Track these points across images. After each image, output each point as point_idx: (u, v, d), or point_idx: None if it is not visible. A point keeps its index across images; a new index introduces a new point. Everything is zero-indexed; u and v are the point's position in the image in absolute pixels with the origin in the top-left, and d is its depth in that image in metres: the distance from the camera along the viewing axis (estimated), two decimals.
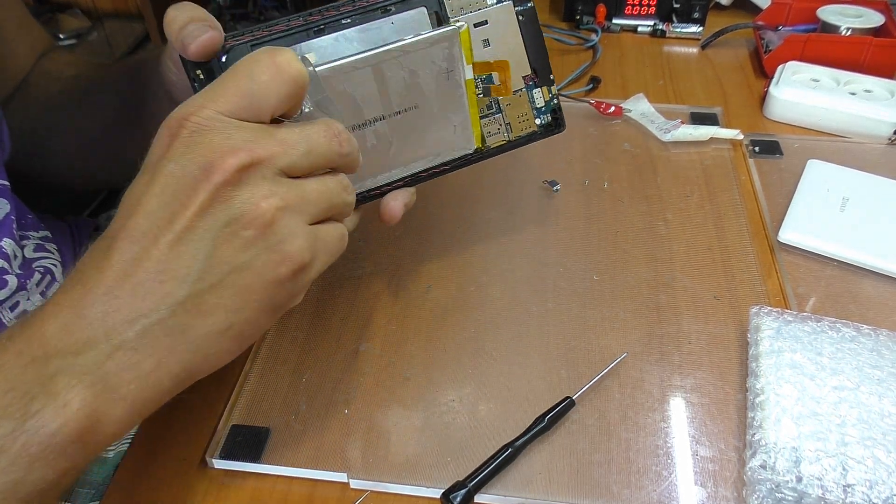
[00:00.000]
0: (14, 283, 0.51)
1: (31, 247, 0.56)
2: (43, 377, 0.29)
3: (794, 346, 0.46)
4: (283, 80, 0.32)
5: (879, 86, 0.71)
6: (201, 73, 0.40)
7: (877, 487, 0.39)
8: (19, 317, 0.52)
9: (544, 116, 0.48)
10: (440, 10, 0.44)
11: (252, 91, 0.32)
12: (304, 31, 0.42)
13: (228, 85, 0.32)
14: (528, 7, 0.46)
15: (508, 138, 0.48)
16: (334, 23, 0.42)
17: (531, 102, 0.48)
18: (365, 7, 0.43)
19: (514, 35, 0.46)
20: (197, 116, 0.31)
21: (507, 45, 0.46)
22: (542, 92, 0.48)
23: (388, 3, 0.43)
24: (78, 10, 1.58)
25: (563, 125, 0.49)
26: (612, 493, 0.42)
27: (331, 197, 0.35)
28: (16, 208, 0.54)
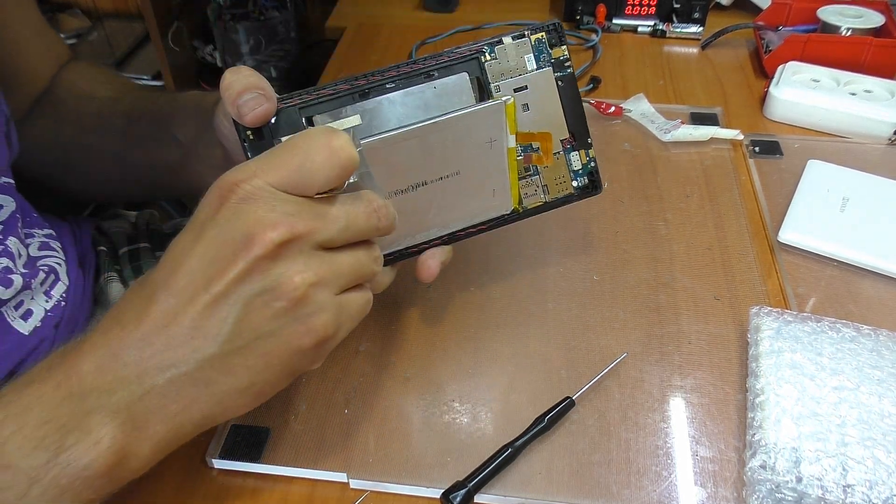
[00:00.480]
0: (19, 282, 0.51)
1: (36, 245, 0.56)
2: (79, 413, 0.32)
3: (794, 346, 0.46)
4: (335, 163, 0.34)
5: (879, 86, 0.71)
6: (251, 134, 0.42)
7: (877, 488, 0.39)
8: (24, 317, 0.53)
9: (581, 179, 0.48)
10: (482, 76, 0.45)
11: (304, 169, 0.33)
12: (349, 94, 0.43)
13: (283, 158, 0.33)
14: (567, 73, 0.47)
15: (545, 200, 0.48)
16: (378, 87, 0.43)
17: (568, 165, 0.48)
18: (409, 72, 0.44)
19: (552, 99, 0.47)
20: (247, 185, 0.33)
21: (546, 108, 0.47)
22: (580, 155, 0.48)
23: (432, 69, 0.44)
24: (78, 10, 1.58)
25: (599, 188, 0.49)
26: (612, 493, 0.42)
27: (361, 268, 0.37)
28: (20, 206, 0.55)
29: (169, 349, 0.32)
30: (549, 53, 0.46)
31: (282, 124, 0.42)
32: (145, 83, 1.42)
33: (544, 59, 0.46)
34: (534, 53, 0.46)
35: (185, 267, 0.32)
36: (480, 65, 0.45)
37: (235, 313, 0.32)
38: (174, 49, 1.32)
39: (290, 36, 1.31)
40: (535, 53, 0.46)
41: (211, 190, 0.34)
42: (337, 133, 0.34)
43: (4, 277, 0.50)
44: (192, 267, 0.32)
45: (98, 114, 0.60)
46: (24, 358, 0.52)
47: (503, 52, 0.46)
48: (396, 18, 0.96)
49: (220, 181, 0.33)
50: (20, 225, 0.54)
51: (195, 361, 0.33)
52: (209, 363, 0.33)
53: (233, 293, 0.32)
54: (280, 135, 0.42)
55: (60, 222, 0.63)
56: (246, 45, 1.27)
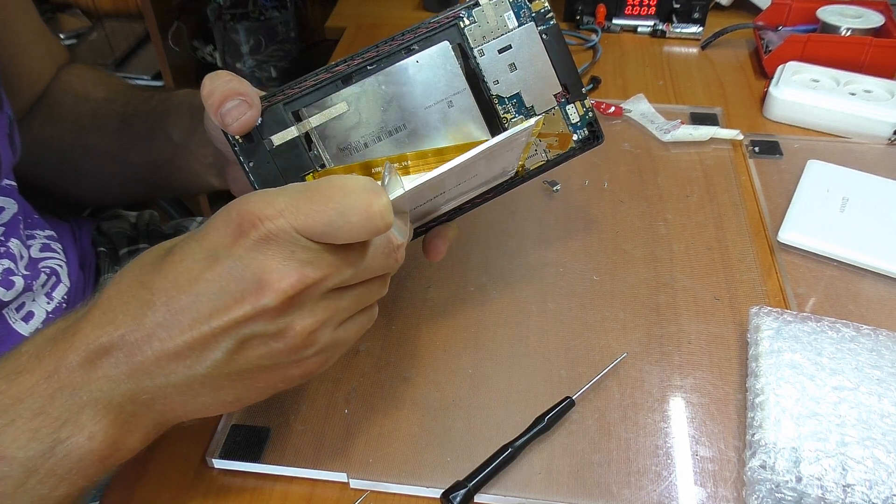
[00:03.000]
0: (21, 284, 0.51)
1: (38, 246, 0.56)
2: (71, 408, 0.32)
3: (794, 346, 0.46)
4: (369, 228, 0.32)
5: (879, 86, 0.71)
6: (240, 138, 0.42)
7: (876, 487, 0.39)
8: (25, 319, 0.53)
9: (581, 131, 0.47)
10: (463, 42, 0.44)
11: (334, 225, 0.31)
12: (331, 83, 0.42)
13: (314, 207, 0.31)
14: (550, 25, 0.45)
15: (547, 158, 0.47)
16: (360, 70, 0.42)
17: (566, 119, 0.47)
18: (388, 50, 0.43)
19: (540, 55, 0.46)
20: (271, 224, 0.31)
21: (535, 65, 0.46)
22: (577, 107, 0.47)
23: (411, 43, 0.43)
24: (78, 9, 1.58)
25: (601, 137, 0.47)
26: (612, 493, 0.42)
27: (370, 298, 0.37)
28: (22, 208, 0.55)
29: (159, 360, 0.32)
30: (528, 8, 0.45)
31: (268, 123, 0.41)
32: (145, 83, 1.41)
33: (525, 15, 0.45)
34: (513, 10, 0.45)
35: (191, 290, 0.32)
36: (460, 31, 0.44)
37: (231, 346, 0.32)
38: (174, 49, 1.32)
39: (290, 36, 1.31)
40: (514, 10, 0.45)
41: (230, 212, 0.32)
42: (379, 195, 0.32)
43: (6, 279, 0.50)
44: (197, 291, 0.32)
45: (94, 114, 0.60)
46: None
47: (481, 14, 0.44)
48: (396, 18, 0.96)
49: (244, 209, 0.31)
50: (22, 227, 0.54)
51: (184, 377, 0.33)
52: (197, 381, 0.33)
53: (232, 330, 0.32)
54: (267, 134, 0.42)
55: (61, 223, 0.63)
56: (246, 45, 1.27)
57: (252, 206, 0.31)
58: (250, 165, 0.42)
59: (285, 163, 0.43)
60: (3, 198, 0.51)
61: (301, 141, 0.43)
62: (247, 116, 0.40)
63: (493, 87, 0.45)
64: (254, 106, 0.40)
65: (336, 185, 0.31)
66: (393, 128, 0.44)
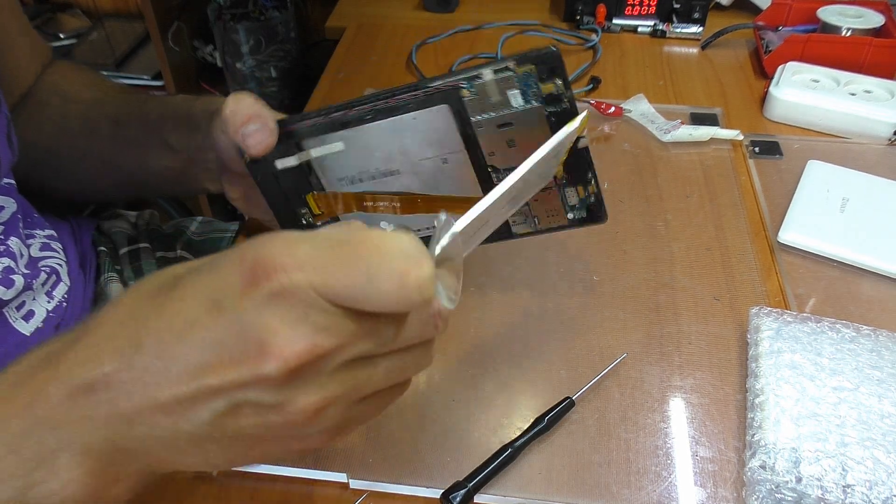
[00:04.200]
0: (21, 282, 0.51)
1: (37, 246, 0.56)
2: (46, 448, 0.29)
3: (794, 346, 0.46)
4: (402, 301, 0.26)
5: (879, 86, 0.71)
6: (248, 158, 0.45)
7: (876, 488, 0.39)
8: (26, 317, 0.52)
9: (578, 212, 0.48)
10: (462, 110, 0.42)
11: (362, 291, 0.26)
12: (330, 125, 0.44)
13: (341, 267, 0.26)
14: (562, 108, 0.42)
15: (536, 227, 0.48)
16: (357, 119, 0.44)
17: (563, 200, 0.47)
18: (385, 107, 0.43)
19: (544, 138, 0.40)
20: (287, 278, 0.26)
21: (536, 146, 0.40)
22: (577, 191, 0.46)
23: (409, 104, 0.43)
24: (78, 9, 1.58)
25: (603, 217, 0.47)
26: (612, 494, 0.42)
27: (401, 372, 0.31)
28: (21, 207, 0.55)
29: (141, 410, 0.28)
30: (538, 88, 0.40)
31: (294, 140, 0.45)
32: (145, 83, 1.41)
33: (533, 95, 0.41)
34: (519, 89, 0.41)
35: (186, 337, 0.27)
36: (460, 99, 0.42)
37: (220, 409, 0.28)
38: (174, 49, 1.32)
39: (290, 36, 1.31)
40: (521, 89, 0.41)
41: (244, 254, 0.27)
42: (419, 263, 0.26)
43: (6, 278, 0.50)
44: (192, 341, 0.27)
45: (84, 117, 0.60)
46: None
47: (482, 88, 0.41)
48: (396, 18, 0.96)
49: (260, 254, 0.26)
50: (21, 226, 0.54)
51: (168, 431, 0.29)
52: (183, 438, 0.29)
53: (224, 393, 0.27)
54: (271, 158, 0.45)
55: (60, 223, 0.63)
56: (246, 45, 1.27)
57: (270, 253, 0.26)
58: (258, 180, 0.46)
59: (288, 183, 0.47)
60: (3, 197, 0.51)
61: (303, 167, 0.46)
62: (265, 143, 0.43)
63: (488, 158, 0.44)
64: (272, 132, 0.43)
65: (371, 242, 0.26)
66: (387, 170, 0.46)
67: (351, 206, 0.48)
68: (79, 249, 0.62)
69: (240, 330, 0.26)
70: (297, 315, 0.26)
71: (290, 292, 0.26)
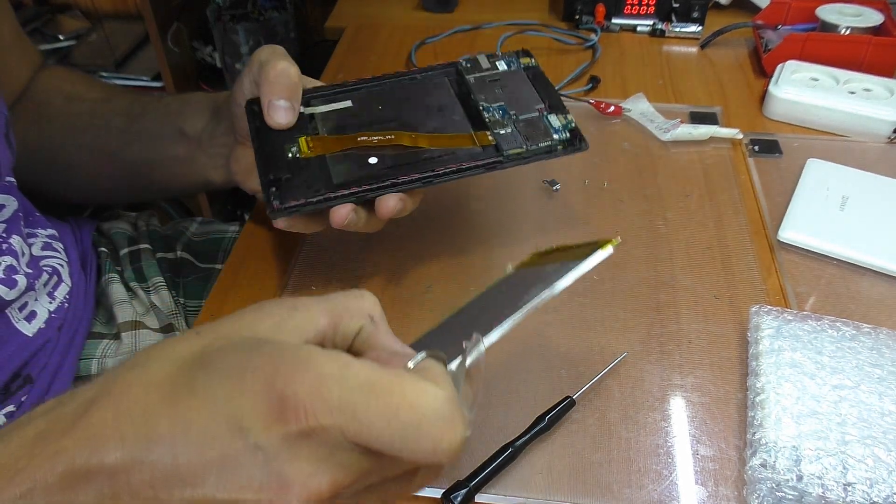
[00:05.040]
0: (23, 283, 0.51)
1: (39, 245, 0.56)
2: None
3: (794, 344, 0.46)
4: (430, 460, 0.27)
5: (878, 84, 0.71)
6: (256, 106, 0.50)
7: (877, 486, 0.39)
8: (28, 318, 0.52)
9: (563, 133, 0.50)
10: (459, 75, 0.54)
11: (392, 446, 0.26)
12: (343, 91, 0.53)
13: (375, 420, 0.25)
14: (535, 70, 0.55)
15: (526, 147, 0.49)
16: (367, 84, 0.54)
17: (548, 125, 0.51)
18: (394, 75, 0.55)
19: (525, 85, 0.54)
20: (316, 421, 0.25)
21: (520, 90, 0.53)
22: (558, 118, 0.51)
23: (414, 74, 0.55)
24: (77, 10, 1.58)
25: (584, 142, 0.50)
26: (613, 493, 0.42)
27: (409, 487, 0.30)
28: (23, 206, 0.55)
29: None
30: (518, 61, 0.55)
31: None
32: (145, 84, 1.42)
33: (514, 64, 0.55)
34: (504, 60, 0.55)
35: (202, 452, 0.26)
36: (458, 69, 0.54)
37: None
38: (174, 50, 1.32)
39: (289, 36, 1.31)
40: (505, 61, 0.55)
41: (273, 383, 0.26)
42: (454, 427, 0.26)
43: (9, 278, 0.50)
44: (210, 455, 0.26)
45: (91, 113, 0.61)
46: (28, 360, 0.52)
47: (476, 63, 0.55)
48: (395, 19, 0.96)
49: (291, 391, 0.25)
50: (23, 224, 0.54)
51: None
52: None
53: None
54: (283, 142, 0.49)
55: (61, 223, 0.63)
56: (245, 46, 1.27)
57: (301, 391, 0.25)
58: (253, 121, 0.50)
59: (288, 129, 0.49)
60: (4, 195, 0.52)
61: (305, 115, 0.50)
62: (287, 120, 0.48)
63: (480, 101, 0.52)
64: (296, 111, 0.48)
65: (406, 400, 0.26)
66: (386, 119, 0.51)
67: (345, 144, 0.49)
68: (79, 250, 0.62)
69: (262, 461, 0.26)
70: (322, 454, 0.26)
71: (318, 434, 0.26)
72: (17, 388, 0.51)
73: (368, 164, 0.47)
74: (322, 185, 0.46)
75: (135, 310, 0.61)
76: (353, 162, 0.48)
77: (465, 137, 0.50)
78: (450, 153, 0.49)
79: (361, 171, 0.47)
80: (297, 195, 0.45)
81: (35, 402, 0.51)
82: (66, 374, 0.54)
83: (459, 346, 0.32)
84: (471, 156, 0.49)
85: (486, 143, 0.49)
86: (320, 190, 0.46)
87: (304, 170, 0.47)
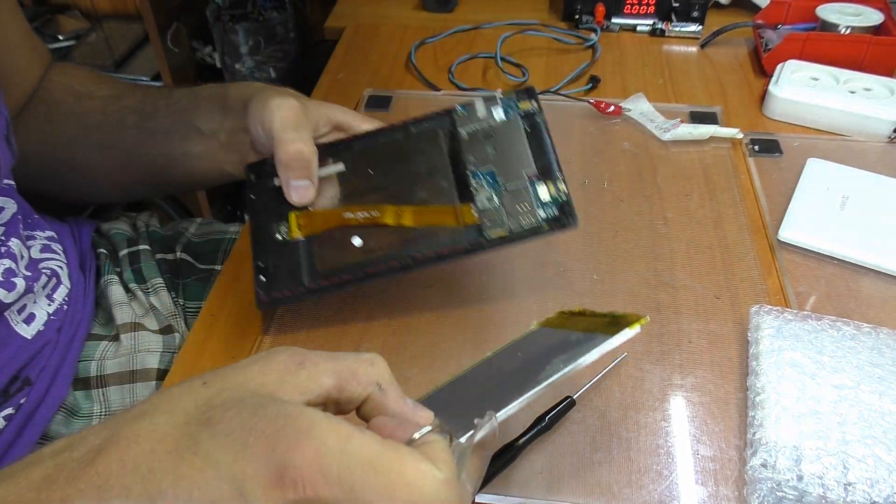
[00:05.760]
0: (22, 285, 0.51)
1: (38, 247, 0.56)
2: None
3: (795, 344, 0.46)
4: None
5: (879, 84, 0.71)
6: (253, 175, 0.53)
7: (878, 485, 0.39)
8: (27, 321, 0.52)
9: (549, 209, 0.48)
10: (452, 127, 0.52)
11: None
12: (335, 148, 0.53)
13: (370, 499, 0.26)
14: (535, 121, 0.51)
15: (510, 230, 0.47)
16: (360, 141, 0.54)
17: (534, 196, 0.48)
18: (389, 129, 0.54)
19: (520, 142, 0.50)
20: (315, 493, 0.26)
21: (514, 150, 0.50)
22: (548, 187, 0.48)
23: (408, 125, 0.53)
24: (77, 11, 1.58)
25: (573, 221, 0.48)
26: (613, 493, 0.42)
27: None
28: (21, 208, 0.55)
29: None
30: (516, 107, 0.51)
31: None
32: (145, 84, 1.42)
33: (512, 111, 0.51)
34: (502, 107, 0.52)
35: None
36: (452, 119, 0.52)
37: None
38: (173, 50, 1.32)
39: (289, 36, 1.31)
40: (503, 107, 0.52)
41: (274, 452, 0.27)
42: None
43: (8, 281, 0.50)
44: None
45: (103, 111, 0.61)
46: (27, 362, 0.52)
47: (472, 110, 0.52)
48: (395, 18, 0.96)
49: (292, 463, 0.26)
50: (21, 227, 0.54)
51: None
52: None
53: None
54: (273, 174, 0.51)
55: (60, 224, 0.63)
56: (245, 46, 1.27)
57: (301, 464, 0.26)
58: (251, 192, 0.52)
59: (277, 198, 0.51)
60: (3, 198, 0.51)
61: None
62: (308, 199, 0.50)
63: (469, 164, 0.50)
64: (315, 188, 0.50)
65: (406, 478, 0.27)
66: (375, 187, 0.51)
67: (331, 222, 0.50)
68: (78, 251, 0.62)
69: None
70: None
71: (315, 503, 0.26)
72: (17, 391, 0.51)
73: (352, 247, 0.49)
74: (306, 274, 0.49)
75: (134, 311, 0.60)
76: (337, 245, 0.49)
77: (449, 212, 0.48)
78: (432, 233, 0.48)
79: (345, 257, 0.49)
80: (281, 287, 0.49)
81: (34, 404, 0.51)
82: (64, 375, 0.54)
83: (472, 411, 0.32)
84: (453, 239, 0.48)
85: (470, 220, 0.48)
86: (304, 281, 0.48)
87: (290, 254, 0.50)
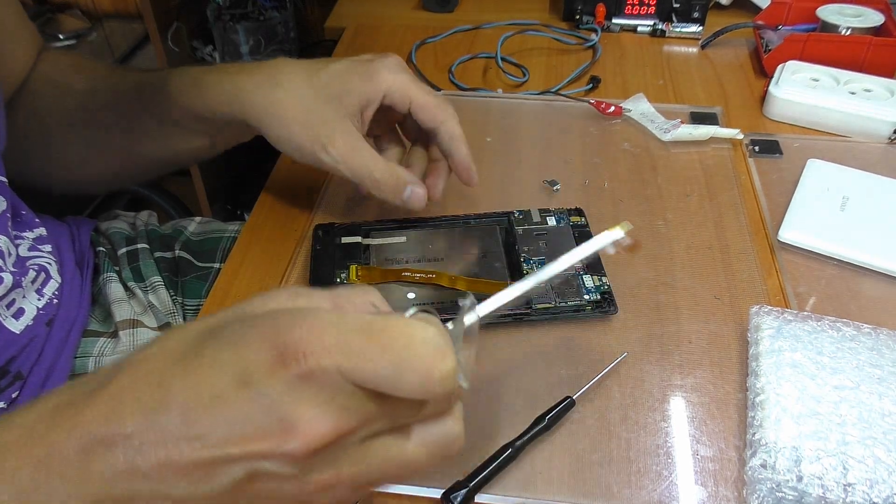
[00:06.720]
0: (9, 280, 0.51)
1: (26, 246, 0.56)
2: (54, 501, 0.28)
3: (795, 345, 0.46)
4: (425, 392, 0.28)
5: (879, 85, 0.71)
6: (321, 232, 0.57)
7: (877, 486, 0.39)
8: (16, 315, 0.52)
9: (593, 295, 0.52)
10: (509, 225, 0.57)
11: (386, 380, 0.27)
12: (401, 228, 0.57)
13: (368, 353, 0.27)
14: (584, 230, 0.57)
15: (556, 303, 0.51)
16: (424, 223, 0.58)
17: (580, 284, 0.52)
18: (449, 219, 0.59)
19: (569, 242, 0.56)
20: (315, 362, 0.27)
21: (563, 247, 0.55)
22: (592, 279, 0.53)
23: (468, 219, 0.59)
24: (78, 10, 1.58)
25: (613, 306, 0.51)
26: (613, 493, 0.42)
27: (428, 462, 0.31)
28: (11, 205, 0.54)
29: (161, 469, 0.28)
30: (567, 219, 0.58)
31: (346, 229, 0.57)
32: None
33: (564, 222, 0.58)
34: (555, 217, 0.58)
35: (212, 408, 0.28)
36: (510, 220, 0.57)
37: (239, 476, 0.28)
38: (174, 49, 1.32)
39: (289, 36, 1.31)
40: (556, 217, 0.58)
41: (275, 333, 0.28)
42: (444, 356, 0.28)
43: None
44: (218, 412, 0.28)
45: (83, 108, 0.60)
46: (15, 355, 0.52)
47: (528, 215, 0.58)
48: (395, 18, 0.96)
49: (290, 337, 0.27)
50: (10, 225, 0.54)
51: (183, 492, 0.29)
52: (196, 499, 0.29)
53: (245, 462, 0.28)
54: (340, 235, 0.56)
55: (58, 223, 0.63)
56: (245, 46, 1.27)
57: (300, 337, 0.27)
58: (316, 245, 0.56)
59: (341, 252, 0.55)
60: None
61: (361, 245, 0.56)
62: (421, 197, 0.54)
63: (523, 253, 0.55)
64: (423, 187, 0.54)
65: (398, 332, 0.28)
66: (433, 258, 0.55)
67: (389, 277, 0.53)
68: (76, 249, 0.62)
69: (267, 407, 0.27)
70: (324, 397, 0.27)
71: (318, 375, 0.27)
72: (7, 385, 0.51)
73: (406, 299, 0.51)
74: None
75: (133, 309, 0.60)
76: (392, 296, 0.51)
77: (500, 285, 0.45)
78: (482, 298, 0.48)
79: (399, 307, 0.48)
80: None
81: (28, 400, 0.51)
82: (60, 371, 0.54)
83: None
84: None
85: None
86: None
87: None
